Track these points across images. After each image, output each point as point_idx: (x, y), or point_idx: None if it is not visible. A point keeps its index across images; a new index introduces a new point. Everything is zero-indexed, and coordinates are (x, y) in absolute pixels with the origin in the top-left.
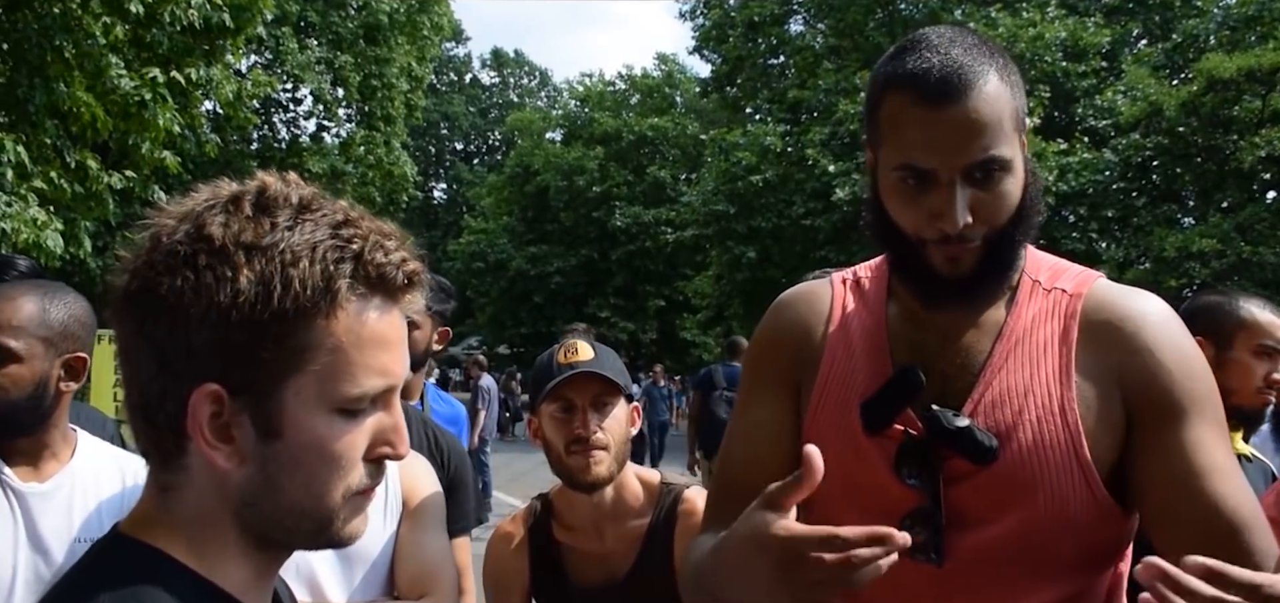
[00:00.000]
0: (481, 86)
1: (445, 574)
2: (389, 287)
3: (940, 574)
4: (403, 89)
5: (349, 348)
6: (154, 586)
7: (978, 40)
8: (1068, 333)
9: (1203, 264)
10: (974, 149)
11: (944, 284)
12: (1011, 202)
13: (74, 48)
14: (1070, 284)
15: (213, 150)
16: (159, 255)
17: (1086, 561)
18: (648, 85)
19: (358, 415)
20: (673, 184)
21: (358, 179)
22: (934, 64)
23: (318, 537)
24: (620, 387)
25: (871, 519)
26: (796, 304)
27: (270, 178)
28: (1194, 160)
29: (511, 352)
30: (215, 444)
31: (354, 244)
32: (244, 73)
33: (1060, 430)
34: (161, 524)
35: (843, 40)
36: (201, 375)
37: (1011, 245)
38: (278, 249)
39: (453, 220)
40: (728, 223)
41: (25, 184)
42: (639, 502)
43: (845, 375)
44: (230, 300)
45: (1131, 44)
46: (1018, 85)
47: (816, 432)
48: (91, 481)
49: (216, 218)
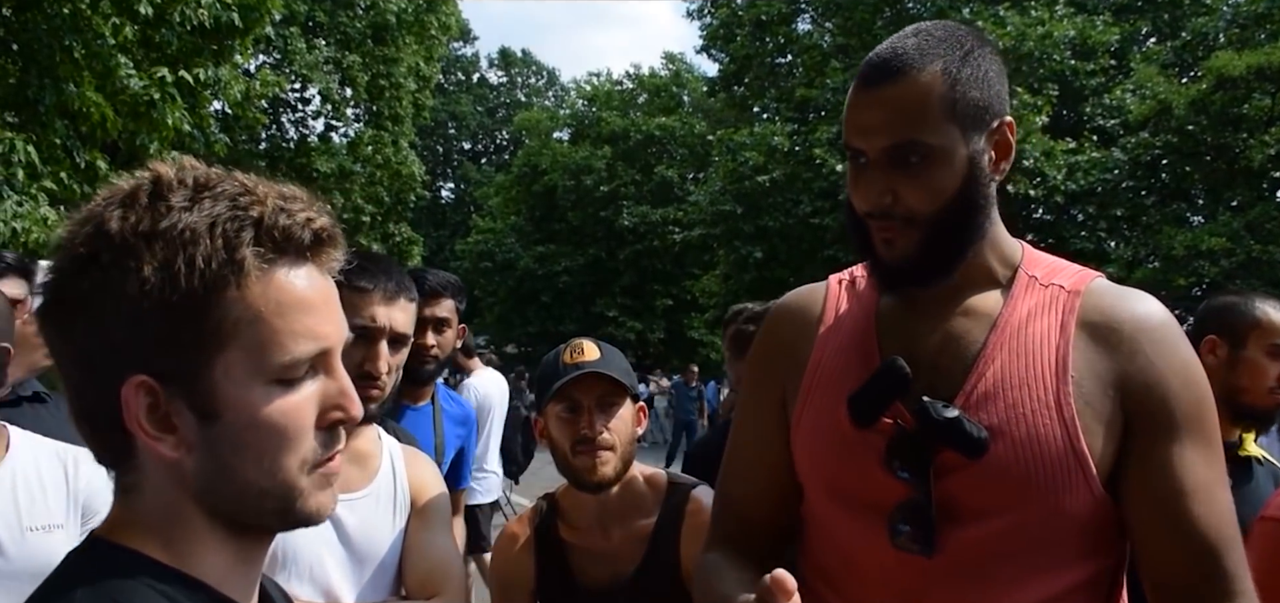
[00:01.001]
0: (489, 86)
1: (455, 574)
2: (298, 247)
3: (932, 567)
4: (410, 88)
5: (269, 316)
6: (129, 580)
7: (951, 34)
8: (1065, 328)
9: (1212, 263)
10: (891, 131)
11: (883, 267)
12: (938, 189)
13: (83, 48)
14: (1068, 281)
15: (221, 150)
16: (65, 262)
17: (1086, 553)
18: (655, 84)
19: (295, 384)
20: (680, 183)
21: (366, 179)
22: (881, 50)
23: (285, 515)
24: (626, 387)
25: (859, 514)
26: (787, 310)
27: (163, 166)
28: (1203, 159)
29: (519, 351)
30: (158, 435)
31: (253, 211)
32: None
33: (1056, 424)
34: (131, 525)
35: (850, 39)
36: (128, 369)
37: (949, 234)
38: (176, 231)
39: (460, 220)
40: (735, 222)
41: (36, 184)
42: (645, 501)
43: (833, 373)
44: (138, 290)
45: (1140, 42)
46: (979, 81)
47: (803, 431)
48: (33, 470)
49: (114, 213)
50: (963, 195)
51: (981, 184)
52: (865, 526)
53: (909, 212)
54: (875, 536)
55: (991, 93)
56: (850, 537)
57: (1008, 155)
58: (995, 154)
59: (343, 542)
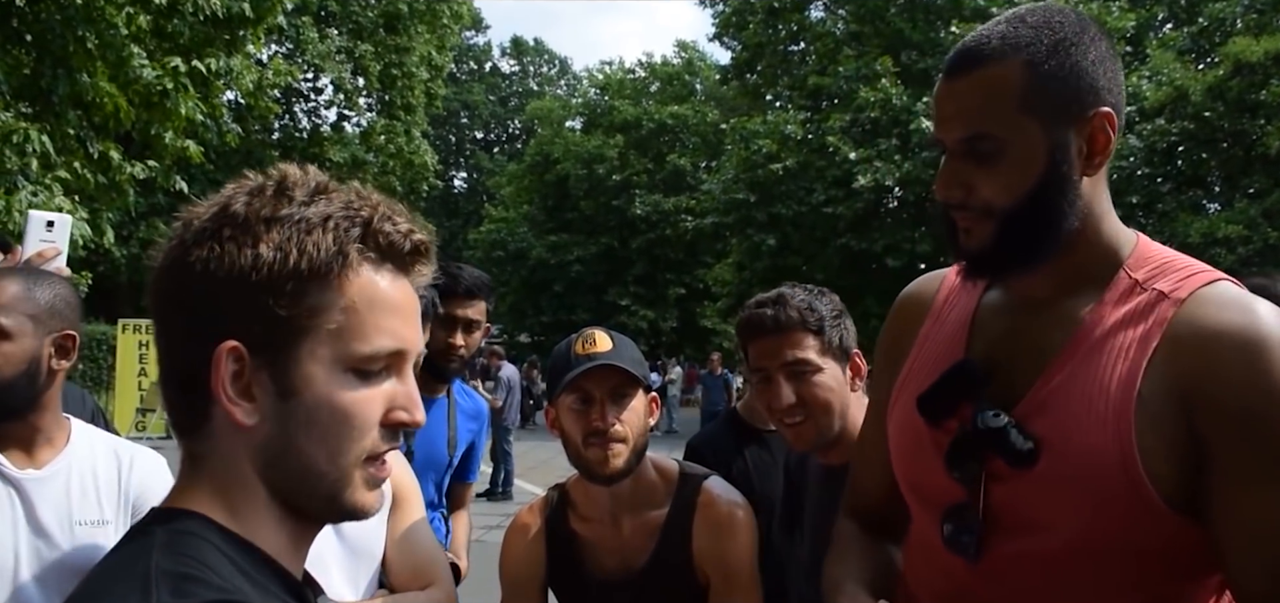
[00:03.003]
0: (501, 75)
1: (443, 563)
2: (397, 255)
3: (980, 572)
4: (423, 78)
5: (361, 309)
6: (199, 542)
7: (1046, 21)
8: (1147, 338)
9: (1228, 250)
10: (964, 123)
11: (963, 255)
12: (1013, 184)
13: (96, 38)
14: (1170, 285)
15: (234, 140)
16: (189, 234)
17: (1154, 578)
18: (667, 73)
19: (371, 378)
20: (693, 172)
21: (378, 168)
22: (967, 39)
23: (333, 502)
24: (638, 378)
25: (926, 510)
26: (904, 300)
27: (291, 168)
28: (1220, 145)
29: (532, 340)
30: (236, 400)
31: (362, 213)
32: (265, 62)
33: (1110, 440)
34: (198, 493)
35: (863, 26)
36: (224, 334)
37: (1026, 229)
38: (294, 220)
39: (473, 209)
40: (748, 211)
41: (50, 174)
42: (657, 492)
43: (927, 366)
44: (251, 265)
45: (1157, 28)
46: (1068, 71)
47: (893, 423)
48: (88, 466)
49: (241, 198)
50: (1042, 189)
51: (1065, 179)
52: (930, 520)
53: (985, 204)
54: (935, 531)
55: (1084, 84)
56: (921, 528)
57: (1104, 149)
58: (1088, 147)
59: (340, 538)
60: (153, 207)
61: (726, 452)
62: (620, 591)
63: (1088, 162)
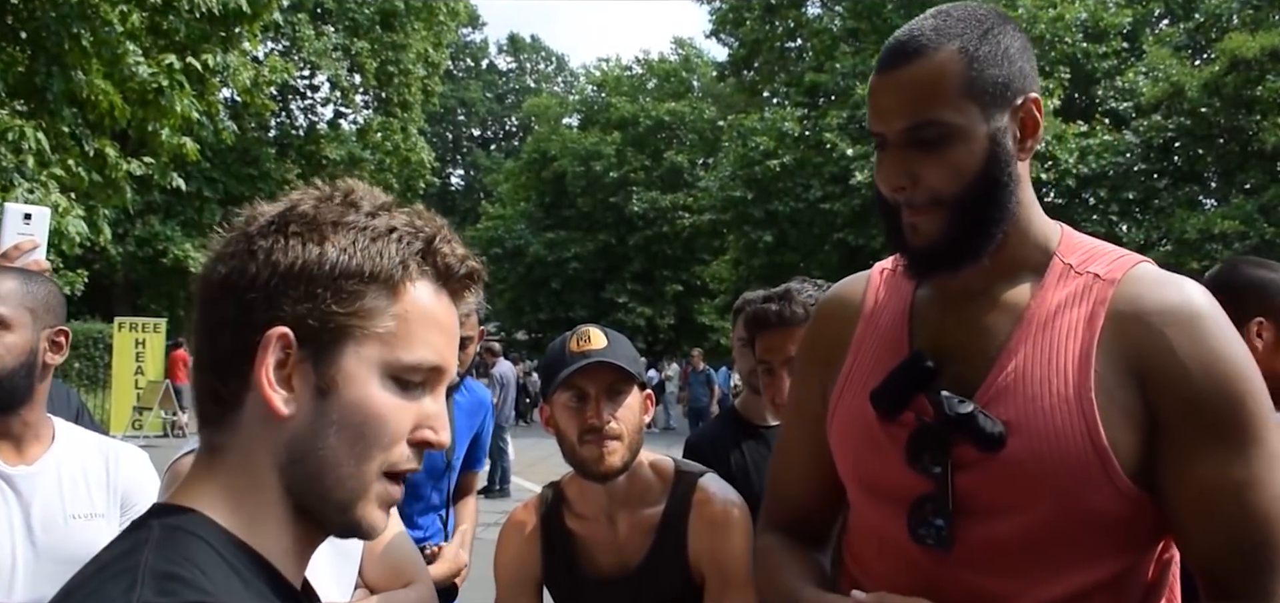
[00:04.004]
0: (498, 72)
1: (421, 565)
2: (451, 277)
3: (952, 560)
4: (419, 75)
5: (412, 320)
6: (197, 543)
7: (970, 14)
8: (1093, 319)
9: (1224, 245)
10: (908, 112)
11: (912, 253)
12: (959, 170)
13: (91, 36)
14: (1103, 268)
15: (230, 138)
16: (254, 227)
17: (1117, 549)
18: (665, 69)
19: (409, 389)
20: (690, 169)
21: (375, 165)
22: (899, 34)
23: (344, 513)
24: (633, 375)
25: (887, 507)
26: (830, 303)
27: (357, 183)
28: (1216, 141)
29: (529, 337)
30: (277, 387)
31: (426, 230)
32: (261, 60)
33: (1076, 418)
34: (205, 490)
35: (861, 23)
36: (276, 320)
37: (975, 215)
38: (360, 227)
39: (470, 207)
40: (745, 208)
41: (45, 171)
42: (652, 490)
43: (866, 365)
44: (315, 259)
45: (1153, 24)
46: (999, 58)
47: (837, 423)
48: (77, 461)
49: (309, 201)
50: (986, 174)
51: (1005, 162)
52: (891, 516)
53: (931, 193)
54: (899, 526)
55: (1013, 69)
56: (879, 525)
57: (1034, 133)
58: (1020, 132)
59: (332, 543)
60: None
61: (725, 448)
62: (616, 589)
63: (1021, 145)
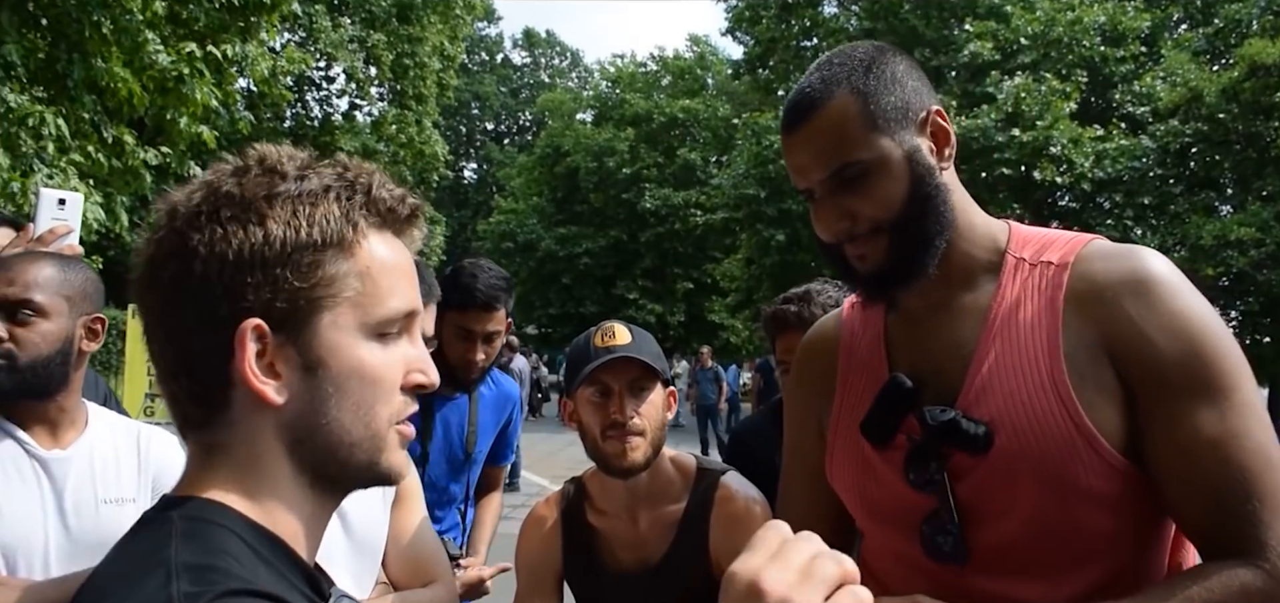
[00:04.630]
0: (513, 67)
1: (444, 560)
2: (396, 219)
3: (973, 569)
4: (434, 68)
5: (376, 274)
6: (222, 531)
7: (848, 56)
8: (1053, 304)
9: (1240, 252)
10: (824, 162)
11: (862, 281)
12: (889, 196)
13: (112, 23)
14: (1057, 255)
15: (246, 128)
16: (180, 221)
17: (1127, 531)
18: (679, 67)
19: (388, 340)
20: (703, 167)
21: (389, 158)
22: (791, 97)
23: (372, 467)
24: (657, 372)
25: (897, 532)
26: (810, 343)
27: (267, 146)
28: (1233, 147)
29: (540, 332)
30: (264, 379)
31: (361, 181)
32: (278, 50)
33: (1054, 404)
34: (215, 479)
35: (876, 23)
36: (243, 315)
37: (915, 233)
38: (296, 194)
39: (483, 200)
40: (758, 206)
41: (65, 157)
42: (674, 487)
43: (856, 400)
44: (262, 241)
45: (1172, 29)
46: (888, 85)
47: (836, 462)
48: (109, 446)
49: (229, 181)
50: (914, 193)
51: (929, 176)
52: (903, 538)
53: (871, 223)
54: (913, 547)
55: (907, 91)
56: (893, 546)
57: (947, 140)
58: (934, 143)
59: (348, 534)
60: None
61: (770, 443)
62: (636, 585)
63: (939, 155)
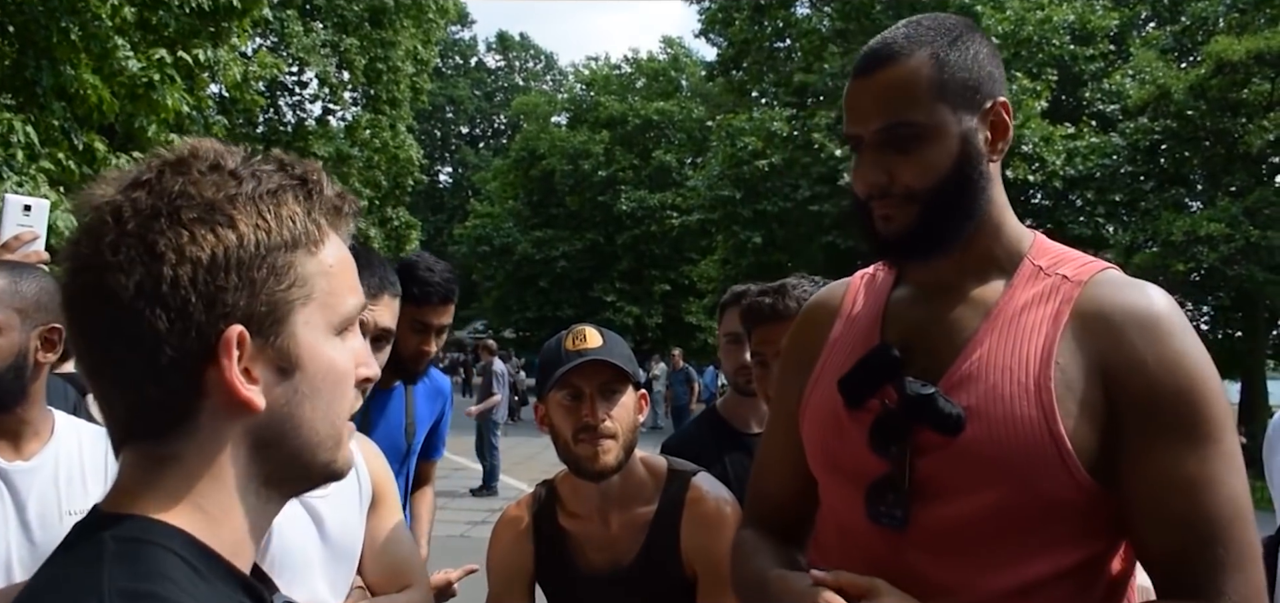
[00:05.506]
0: (487, 70)
1: (420, 565)
2: (339, 214)
3: (907, 540)
4: (408, 72)
5: (335, 272)
6: (160, 550)
7: (940, 23)
8: (1058, 317)
9: (1210, 248)
10: (883, 113)
11: (882, 243)
12: (933, 167)
13: (80, 29)
14: (1072, 271)
15: (219, 132)
16: (134, 224)
17: (1074, 539)
18: (653, 69)
19: (345, 336)
20: (679, 168)
21: (363, 163)
22: (873, 42)
23: (330, 465)
24: (629, 374)
25: (850, 490)
26: (811, 308)
27: (198, 141)
28: (1202, 144)
29: (516, 336)
30: (247, 385)
31: (311, 178)
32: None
33: (1033, 408)
34: (154, 495)
35: (849, 23)
36: (221, 320)
37: (946, 210)
38: (255, 196)
39: (458, 204)
40: (734, 207)
41: (34, 165)
42: (645, 489)
43: (841, 359)
44: (237, 244)
45: (1140, 27)
46: (968, 63)
47: (809, 411)
48: (75, 456)
49: (175, 180)
50: (957, 172)
51: (976, 162)
52: (851, 498)
53: (906, 189)
54: (858, 508)
55: (982, 74)
56: (841, 508)
57: (1004, 135)
58: (991, 134)
59: (324, 539)
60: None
61: (705, 456)
62: (608, 587)
63: (992, 147)
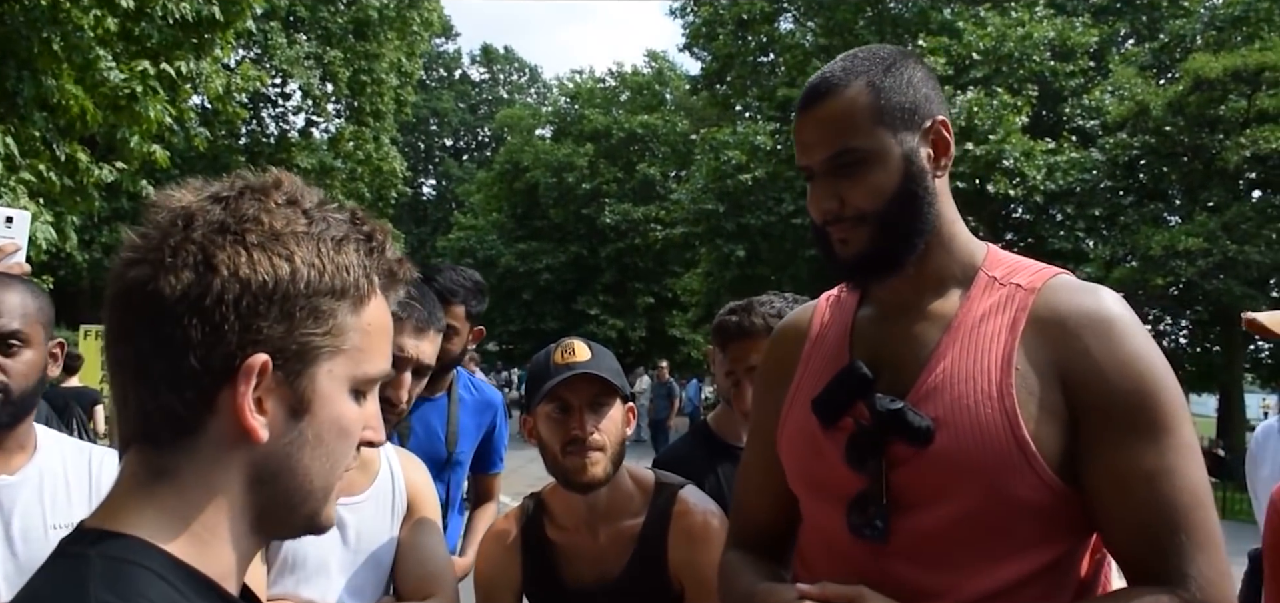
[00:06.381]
0: (471, 83)
1: (448, 579)
2: (394, 279)
3: (887, 552)
4: (392, 85)
5: (373, 332)
6: (144, 572)
7: (873, 53)
8: (1016, 324)
9: (1189, 262)
10: (827, 143)
11: (842, 265)
12: (879, 188)
13: (62, 40)
14: (1026, 279)
15: (202, 145)
16: (200, 233)
17: (1046, 539)
18: (637, 82)
19: (362, 398)
20: (662, 181)
21: (347, 175)
22: (810, 81)
23: (313, 519)
24: (617, 388)
25: (830, 506)
26: (781, 331)
27: (283, 173)
28: (1180, 159)
29: (500, 349)
30: (255, 413)
31: (376, 237)
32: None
33: (997, 414)
34: (144, 512)
35: (833, 39)
36: (251, 346)
37: (897, 227)
38: (320, 237)
39: (442, 217)
40: (717, 221)
41: (14, 176)
42: (633, 501)
43: (813, 379)
44: (288, 278)
45: (1119, 44)
46: (903, 87)
47: (785, 433)
48: (60, 470)
49: (252, 204)
50: (903, 190)
51: (920, 179)
52: (833, 514)
53: (857, 211)
54: (840, 523)
55: (918, 96)
56: (823, 524)
57: (946, 151)
58: (933, 150)
59: (345, 544)
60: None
61: (697, 469)
62: (595, 599)
63: (935, 163)
